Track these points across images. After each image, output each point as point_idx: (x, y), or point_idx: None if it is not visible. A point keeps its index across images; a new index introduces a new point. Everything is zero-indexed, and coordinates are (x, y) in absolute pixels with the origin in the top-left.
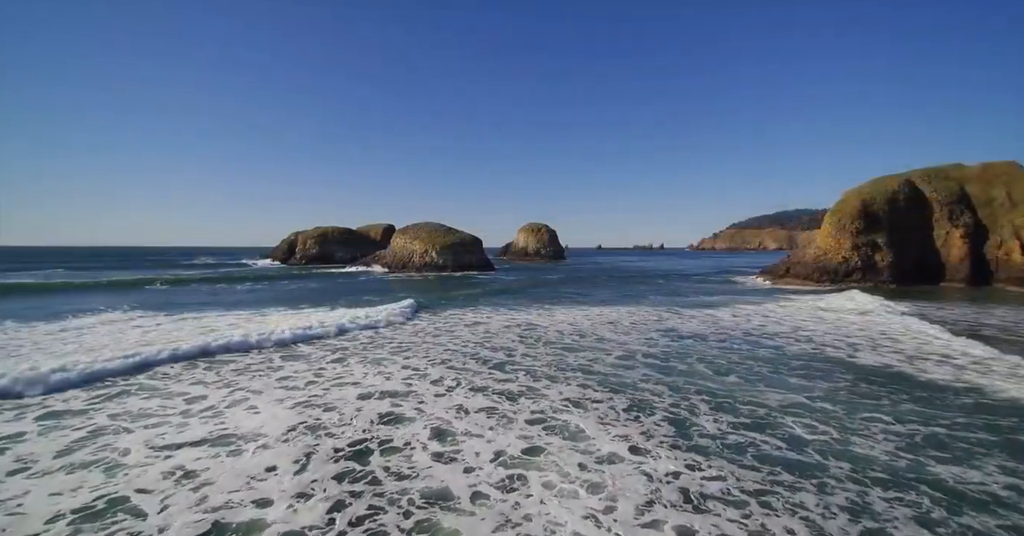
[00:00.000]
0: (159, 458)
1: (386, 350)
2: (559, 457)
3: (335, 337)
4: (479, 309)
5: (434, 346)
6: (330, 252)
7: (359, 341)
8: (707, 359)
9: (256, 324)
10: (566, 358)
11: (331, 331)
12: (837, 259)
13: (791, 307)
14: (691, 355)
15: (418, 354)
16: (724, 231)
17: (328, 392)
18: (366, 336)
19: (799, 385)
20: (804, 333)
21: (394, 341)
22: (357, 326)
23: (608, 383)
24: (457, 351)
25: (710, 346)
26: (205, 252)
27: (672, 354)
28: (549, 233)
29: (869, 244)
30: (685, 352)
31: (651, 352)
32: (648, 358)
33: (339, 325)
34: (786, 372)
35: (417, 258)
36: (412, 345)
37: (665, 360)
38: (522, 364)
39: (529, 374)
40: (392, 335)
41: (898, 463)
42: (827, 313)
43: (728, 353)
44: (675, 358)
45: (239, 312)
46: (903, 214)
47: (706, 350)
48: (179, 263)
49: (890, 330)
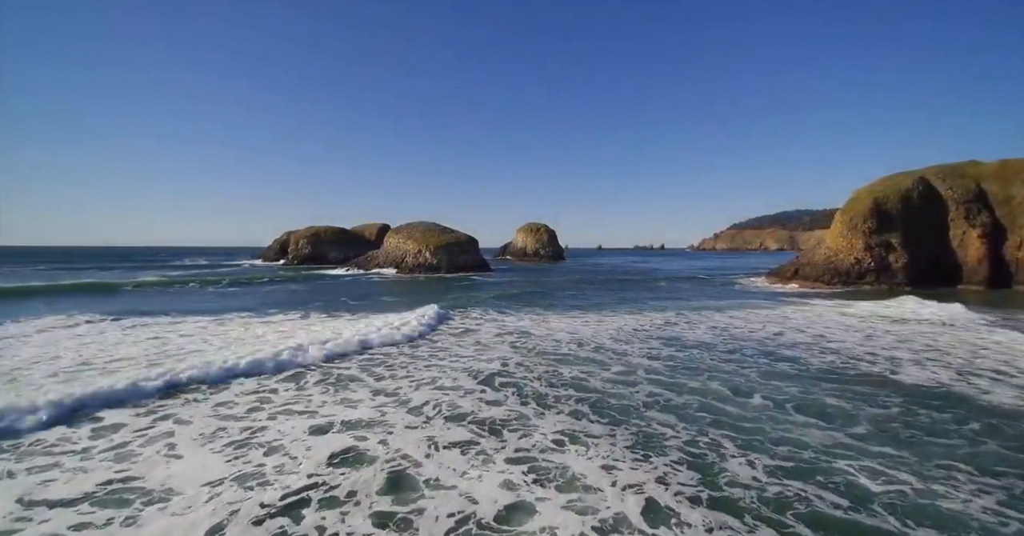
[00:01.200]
0: (24, 521)
1: (355, 365)
2: (551, 519)
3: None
4: (469, 315)
5: (413, 361)
6: (323, 252)
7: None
8: (721, 375)
9: (209, 336)
10: (561, 372)
11: (289, 355)
12: (849, 260)
13: (809, 312)
14: (702, 370)
15: (394, 371)
16: (725, 231)
17: (270, 426)
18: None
19: (842, 411)
20: (830, 344)
21: (364, 353)
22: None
23: (608, 408)
24: (440, 366)
25: (722, 359)
26: (203, 252)
27: (680, 368)
28: (548, 233)
29: (883, 244)
30: (694, 366)
31: (655, 366)
32: (652, 374)
33: (294, 352)
34: (820, 393)
35: (410, 258)
36: (386, 358)
37: (672, 376)
38: (513, 380)
39: (518, 394)
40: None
41: (1008, 529)
42: (849, 318)
43: (745, 368)
44: (684, 373)
45: (199, 318)
46: (918, 213)
47: (718, 364)
48: (169, 263)
49: (939, 342)
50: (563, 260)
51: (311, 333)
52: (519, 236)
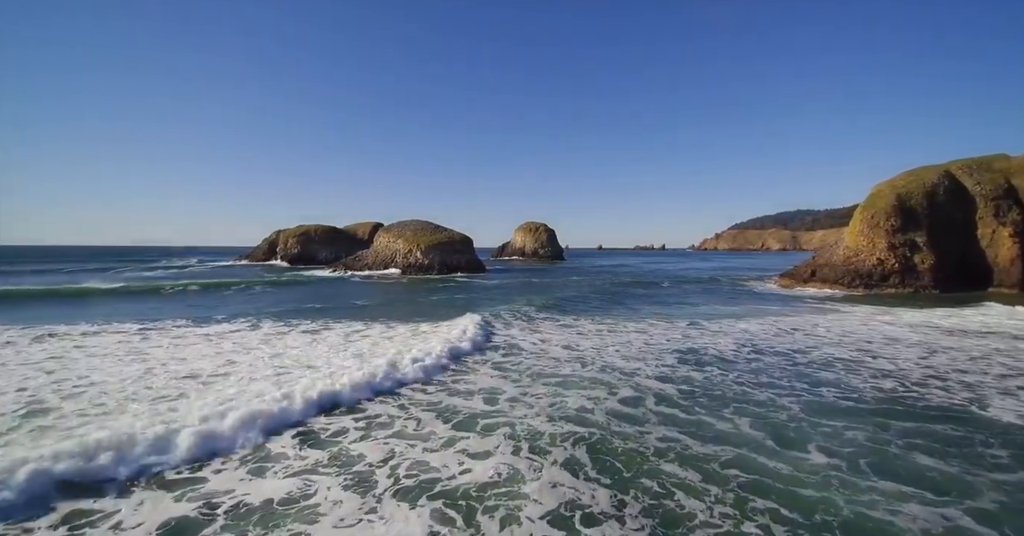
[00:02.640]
0: None
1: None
2: None
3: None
4: (456, 324)
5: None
6: (313, 252)
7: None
8: (752, 408)
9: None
10: (565, 400)
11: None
12: (871, 261)
13: (841, 321)
14: (727, 399)
15: (340, 411)
16: (726, 231)
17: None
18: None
19: (945, 475)
20: (878, 362)
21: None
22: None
23: (609, 464)
24: (409, 402)
25: (750, 382)
26: (195, 252)
27: (699, 397)
28: (547, 233)
29: (907, 244)
30: (717, 392)
31: (668, 393)
32: (664, 405)
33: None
34: (896, 439)
35: (400, 258)
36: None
37: (690, 409)
38: (504, 420)
39: (507, 435)
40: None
41: None
42: (891, 327)
43: (781, 396)
44: (704, 405)
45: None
46: (944, 210)
47: (747, 390)
48: (148, 264)
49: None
50: (562, 261)
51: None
52: (517, 235)
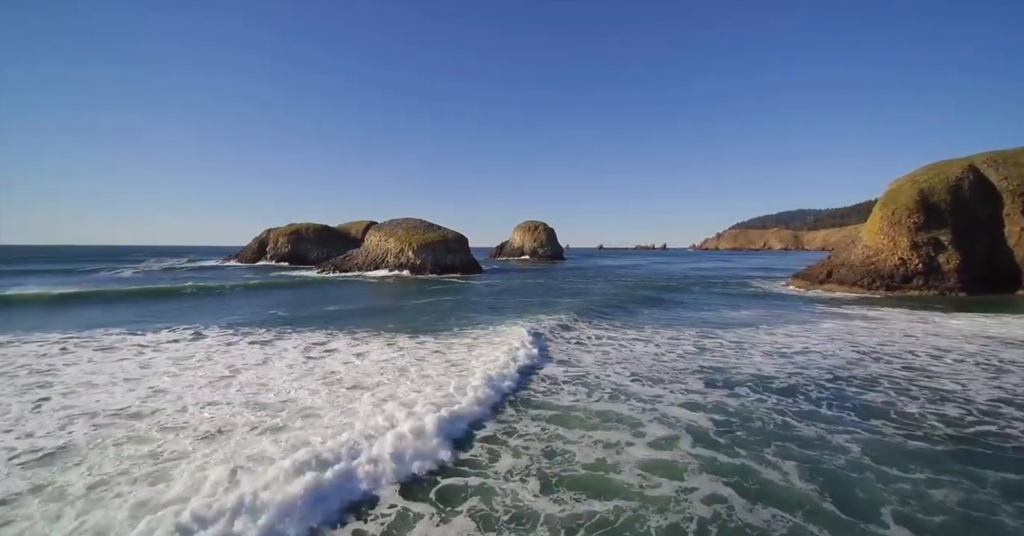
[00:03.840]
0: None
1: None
2: None
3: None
4: (441, 337)
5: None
6: (304, 251)
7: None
8: (803, 450)
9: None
10: (569, 454)
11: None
12: (892, 261)
13: (877, 329)
14: (768, 435)
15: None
16: (727, 231)
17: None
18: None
19: None
20: (934, 382)
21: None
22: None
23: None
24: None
25: (792, 411)
26: (187, 251)
27: (736, 431)
28: (547, 232)
29: (931, 243)
30: (756, 425)
31: (703, 427)
32: (701, 445)
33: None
34: (999, 498)
35: (392, 258)
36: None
37: (730, 450)
38: (481, 486)
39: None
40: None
41: None
42: (939, 338)
43: (833, 431)
44: (745, 444)
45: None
46: (969, 207)
47: (790, 421)
48: (124, 264)
49: None
50: (562, 260)
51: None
52: (516, 235)
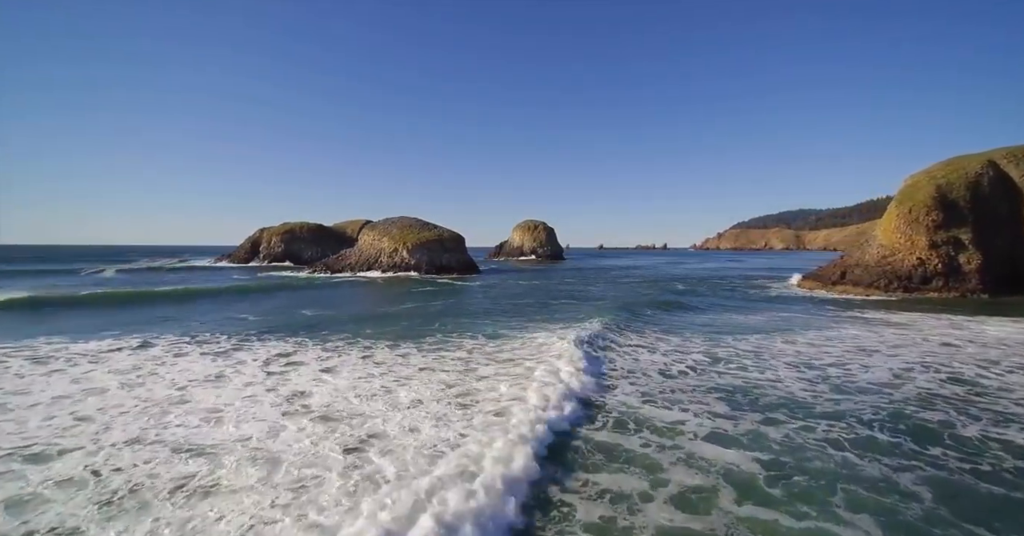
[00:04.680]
0: None
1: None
2: None
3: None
4: (428, 349)
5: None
6: (298, 251)
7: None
8: (864, 491)
9: None
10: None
11: None
12: (910, 261)
13: (908, 335)
14: (826, 476)
15: None
16: (728, 231)
17: None
18: None
19: None
20: (989, 400)
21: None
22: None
23: None
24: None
25: (846, 440)
26: (189, 250)
27: (798, 484)
28: (547, 231)
29: (950, 242)
30: (812, 463)
31: (746, 471)
32: (751, 502)
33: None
34: None
35: (385, 258)
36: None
37: (797, 513)
38: None
39: None
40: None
41: None
42: (981, 348)
43: (892, 465)
44: (818, 508)
45: None
46: (989, 204)
47: (848, 457)
48: (115, 264)
49: None
50: (562, 260)
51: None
52: (515, 234)
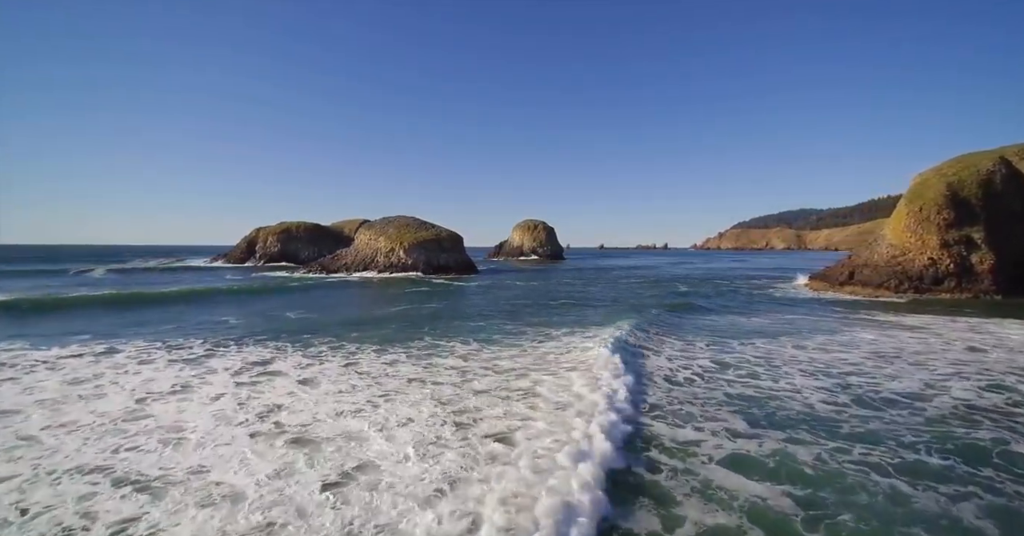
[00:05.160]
0: None
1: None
2: None
3: None
4: (417, 356)
5: None
6: (295, 250)
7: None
8: (925, 533)
9: None
10: None
11: None
12: (921, 261)
13: (928, 339)
14: (877, 515)
15: None
16: (729, 231)
17: None
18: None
19: None
20: None
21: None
22: None
23: None
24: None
25: (888, 464)
26: (189, 250)
27: (846, 526)
28: (547, 231)
29: (962, 241)
30: (871, 507)
31: (776, 508)
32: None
33: None
34: None
35: (382, 258)
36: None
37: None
38: None
39: None
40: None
41: None
42: (1013, 353)
43: (948, 494)
44: (848, 530)
45: None
46: (1002, 202)
47: (895, 485)
48: (106, 264)
49: None
50: (562, 260)
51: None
52: (515, 234)
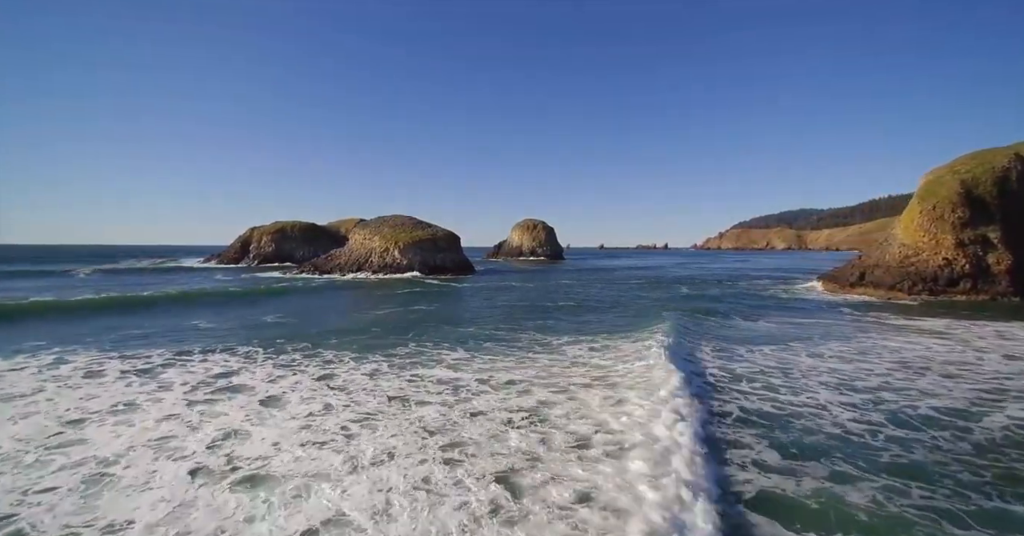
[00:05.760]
0: None
1: None
2: None
3: None
4: (400, 366)
5: None
6: (289, 250)
7: None
8: None
9: None
10: None
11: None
12: (936, 261)
13: (951, 345)
14: None
15: None
16: (729, 231)
17: None
18: None
19: None
20: None
21: None
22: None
23: None
24: None
25: (979, 520)
26: (190, 250)
27: None
28: (546, 231)
29: (978, 241)
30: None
31: None
32: None
33: None
34: None
35: (376, 258)
36: None
37: None
38: None
39: None
40: None
41: None
42: None
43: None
44: None
45: None
46: (1018, 200)
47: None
48: (94, 265)
49: None
50: (562, 260)
51: None
52: (514, 234)
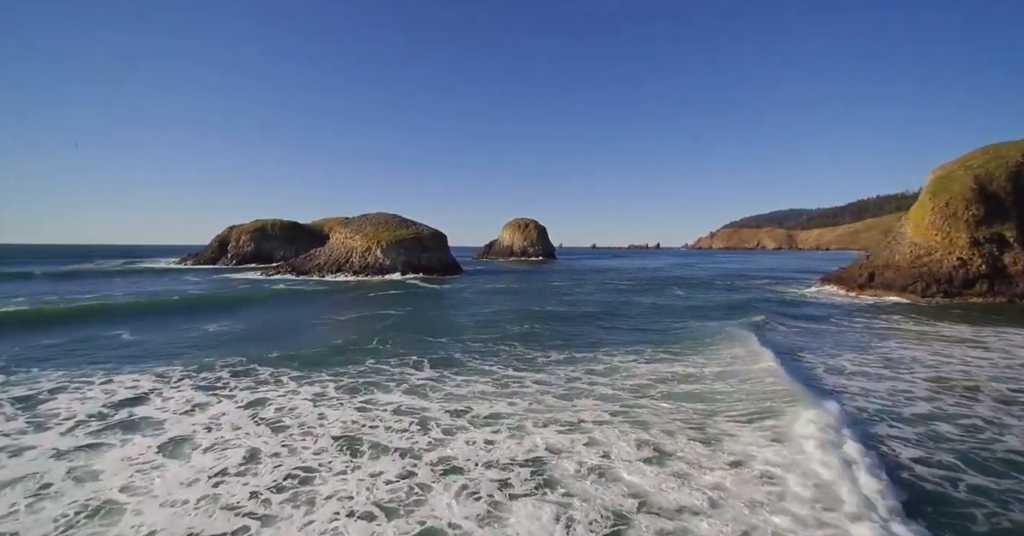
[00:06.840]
0: None
1: None
2: None
3: None
4: (352, 387)
5: None
6: (269, 250)
7: None
8: None
9: None
10: None
11: None
12: (950, 261)
13: (987, 355)
14: None
15: None
16: (721, 230)
17: None
18: None
19: None
20: None
21: None
22: None
23: None
24: None
25: None
26: (179, 250)
27: None
28: (538, 230)
29: (994, 239)
30: None
31: None
32: None
33: None
34: None
35: (357, 258)
36: None
37: None
38: None
39: None
40: None
41: None
42: None
43: None
44: None
45: None
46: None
47: None
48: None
49: None
50: (554, 260)
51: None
52: (505, 233)
